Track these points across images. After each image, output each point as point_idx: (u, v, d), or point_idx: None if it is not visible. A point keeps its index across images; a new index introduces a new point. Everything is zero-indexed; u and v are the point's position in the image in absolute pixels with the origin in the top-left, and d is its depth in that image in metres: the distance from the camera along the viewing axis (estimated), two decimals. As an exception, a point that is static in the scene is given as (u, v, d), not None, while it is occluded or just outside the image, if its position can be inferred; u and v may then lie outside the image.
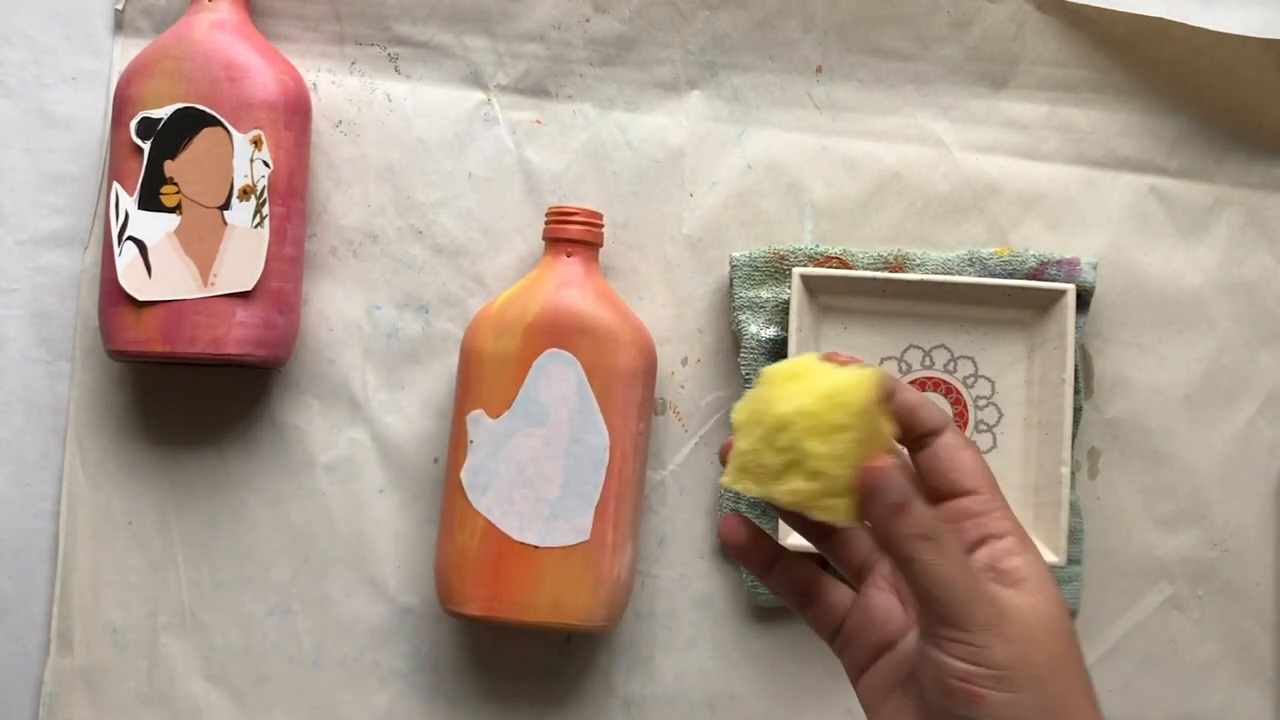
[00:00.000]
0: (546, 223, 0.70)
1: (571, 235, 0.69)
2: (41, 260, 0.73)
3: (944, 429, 0.47)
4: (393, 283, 0.73)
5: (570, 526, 0.66)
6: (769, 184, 0.74)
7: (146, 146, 0.68)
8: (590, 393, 0.67)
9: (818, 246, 0.72)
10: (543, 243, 0.72)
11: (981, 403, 0.71)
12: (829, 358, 0.47)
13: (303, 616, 0.71)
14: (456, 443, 0.68)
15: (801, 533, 0.50)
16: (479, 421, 0.67)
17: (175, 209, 0.68)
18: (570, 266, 0.69)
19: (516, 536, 0.66)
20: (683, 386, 0.73)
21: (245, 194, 0.68)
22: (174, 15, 0.72)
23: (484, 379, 0.67)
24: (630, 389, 0.68)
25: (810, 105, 0.74)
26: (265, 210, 0.68)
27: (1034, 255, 0.71)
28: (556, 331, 0.67)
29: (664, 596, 0.72)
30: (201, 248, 0.67)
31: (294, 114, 0.69)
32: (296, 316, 0.71)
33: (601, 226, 0.70)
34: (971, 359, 0.71)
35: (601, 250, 0.71)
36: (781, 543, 0.61)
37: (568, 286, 0.68)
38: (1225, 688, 0.73)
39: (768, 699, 0.72)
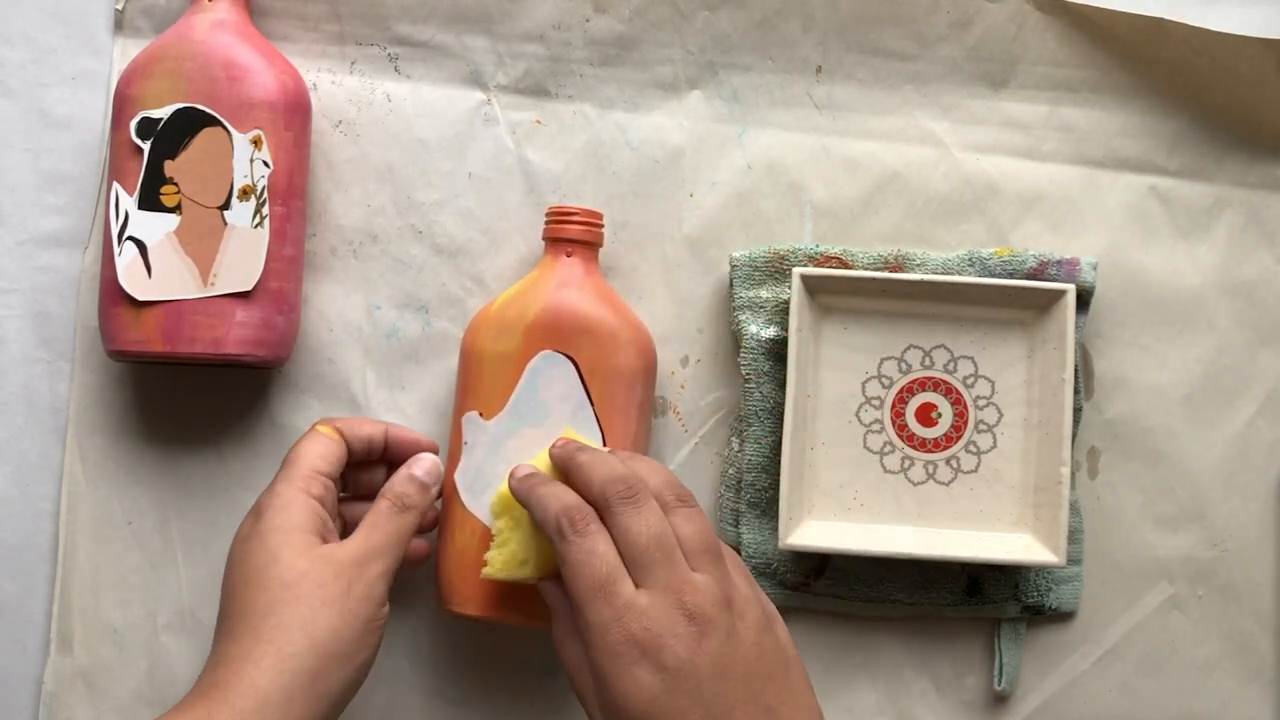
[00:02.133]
0: (546, 223, 0.70)
1: (571, 235, 0.69)
2: (41, 260, 0.73)
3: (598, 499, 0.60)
4: (393, 283, 0.73)
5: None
6: (769, 184, 0.74)
7: (146, 146, 0.68)
8: (585, 394, 0.67)
9: (818, 246, 0.72)
10: (543, 243, 0.72)
11: (981, 403, 0.71)
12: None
13: (303, 616, 0.71)
14: (455, 444, 0.68)
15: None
16: (473, 423, 0.67)
17: (175, 209, 0.68)
18: (570, 266, 0.69)
19: None
20: (683, 387, 0.73)
21: (245, 194, 0.68)
22: (174, 15, 0.72)
23: (484, 379, 0.67)
24: (630, 389, 0.68)
25: (810, 105, 0.74)
26: (265, 210, 0.68)
27: (1034, 255, 0.71)
28: (556, 331, 0.67)
29: (664, 596, 0.72)
30: (201, 248, 0.67)
31: (294, 114, 0.69)
32: (296, 316, 0.71)
33: (601, 226, 0.70)
34: (971, 359, 0.71)
35: (601, 250, 0.71)
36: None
37: (568, 286, 0.68)
38: (1225, 688, 0.73)
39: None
